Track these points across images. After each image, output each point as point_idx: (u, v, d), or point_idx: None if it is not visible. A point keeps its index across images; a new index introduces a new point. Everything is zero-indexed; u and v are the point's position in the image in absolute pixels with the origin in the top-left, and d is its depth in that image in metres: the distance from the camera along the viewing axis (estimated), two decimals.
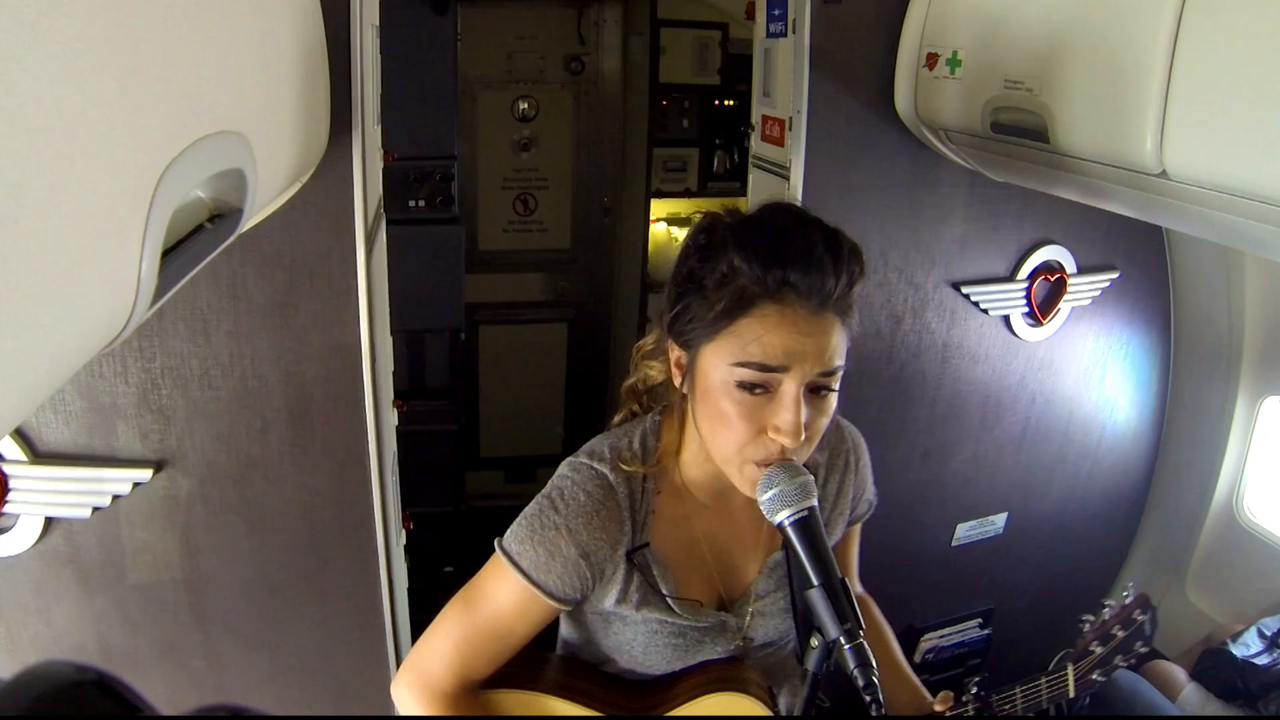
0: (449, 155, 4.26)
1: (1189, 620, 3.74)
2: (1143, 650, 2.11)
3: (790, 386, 1.56)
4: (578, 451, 1.87)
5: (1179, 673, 3.40)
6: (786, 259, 1.55)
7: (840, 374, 1.61)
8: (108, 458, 2.52)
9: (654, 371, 1.89)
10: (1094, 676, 2.09)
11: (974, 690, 2.04)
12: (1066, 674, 2.10)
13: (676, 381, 1.73)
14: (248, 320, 2.48)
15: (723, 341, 1.59)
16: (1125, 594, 2.15)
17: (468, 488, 5.32)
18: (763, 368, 1.55)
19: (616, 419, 1.98)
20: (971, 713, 2.01)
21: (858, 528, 2.11)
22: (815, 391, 1.59)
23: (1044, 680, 2.09)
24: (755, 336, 1.56)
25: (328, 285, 2.49)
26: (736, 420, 1.59)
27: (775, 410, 1.57)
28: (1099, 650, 2.09)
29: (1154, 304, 3.63)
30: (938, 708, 1.97)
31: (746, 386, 1.57)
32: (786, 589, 1.90)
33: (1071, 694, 2.09)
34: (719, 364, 1.60)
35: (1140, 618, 2.11)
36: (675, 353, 1.71)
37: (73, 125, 0.86)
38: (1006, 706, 2.06)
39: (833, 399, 1.63)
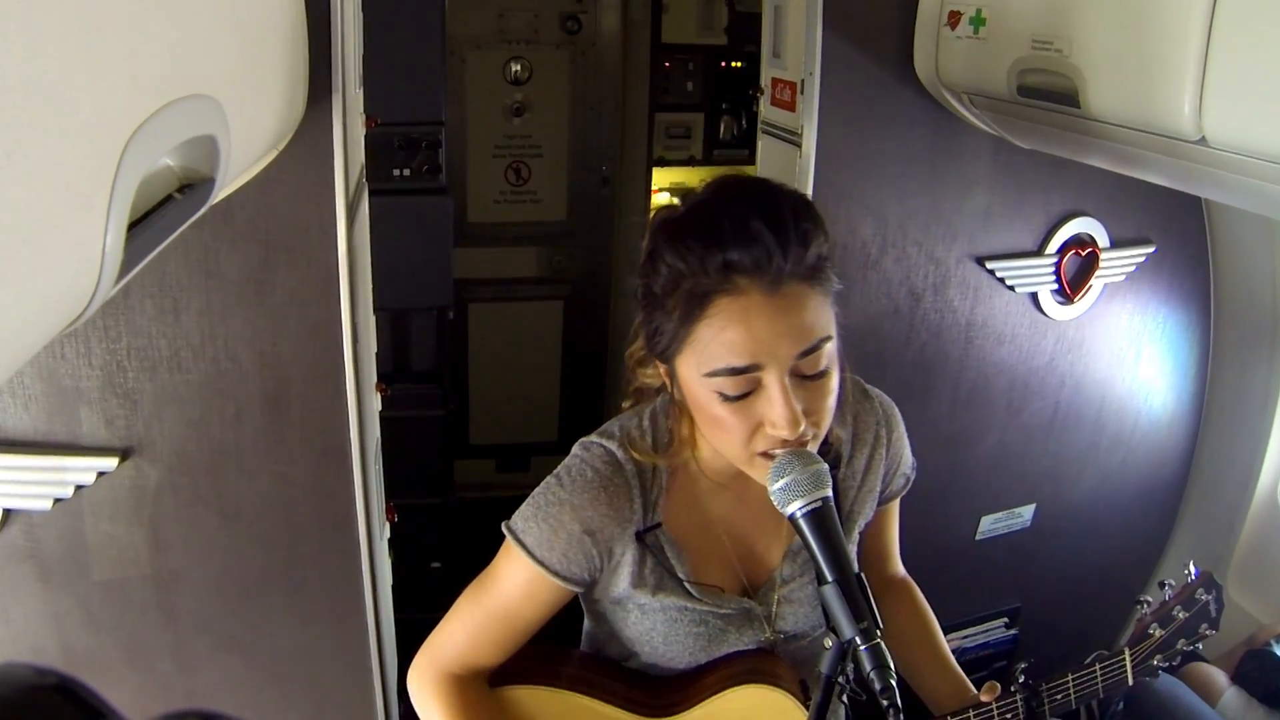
0: (436, 121, 4.26)
1: (1231, 619, 3.69)
2: (1208, 633, 2.05)
3: (772, 381, 1.57)
4: (592, 433, 1.91)
5: (1219, 676, 3.41)
6: (720, 240, 1.56)
7: (828, 348, 1.61)
8: (70, 445, 2.53)
9: (650, 379, 1.90)
10: (1155, 662, 2.02)
11: (1021, 679, 1.99)
12: (1124, 659, 2.02)
13: (671, 392, 1.76)
14: (220, 298, 2.48)
15: (689, 353, 1.61)
16: (1186, 571, 2.09)
17: (456, 478, 5.32)
18: (732, 371, 1.57)
19: (625, 404, 2.00)
20: (1020, 704, 1.97)
21: (895, 504, 2.12)
22: (805, 375, 1.60)
23: (1099, 667, 2.01)
24: (715, 339, 1.57)
25: (306, 260, 2.49)
26: (731, 423, 1.61)
27: (766, 406, 1.58)
28: (1159, 633, 2.02)
29: (1193, 280, 3.63)
30: (984, 698, 1.96)
31: (727, 396, 1.59)
32: (813, 574, 1.90)
33: (1130, 681, 2.02)
34: (694, 375, 1.62)
35: (1204, 597, 2.05)
36: (660, 366, 1.74)
37: (30, 88, 0.86)
38: (1059, 696, 2.00)
39: (832, 376, 1.63)
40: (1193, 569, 2.09)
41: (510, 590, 1.86)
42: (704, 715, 1.91)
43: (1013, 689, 2.00)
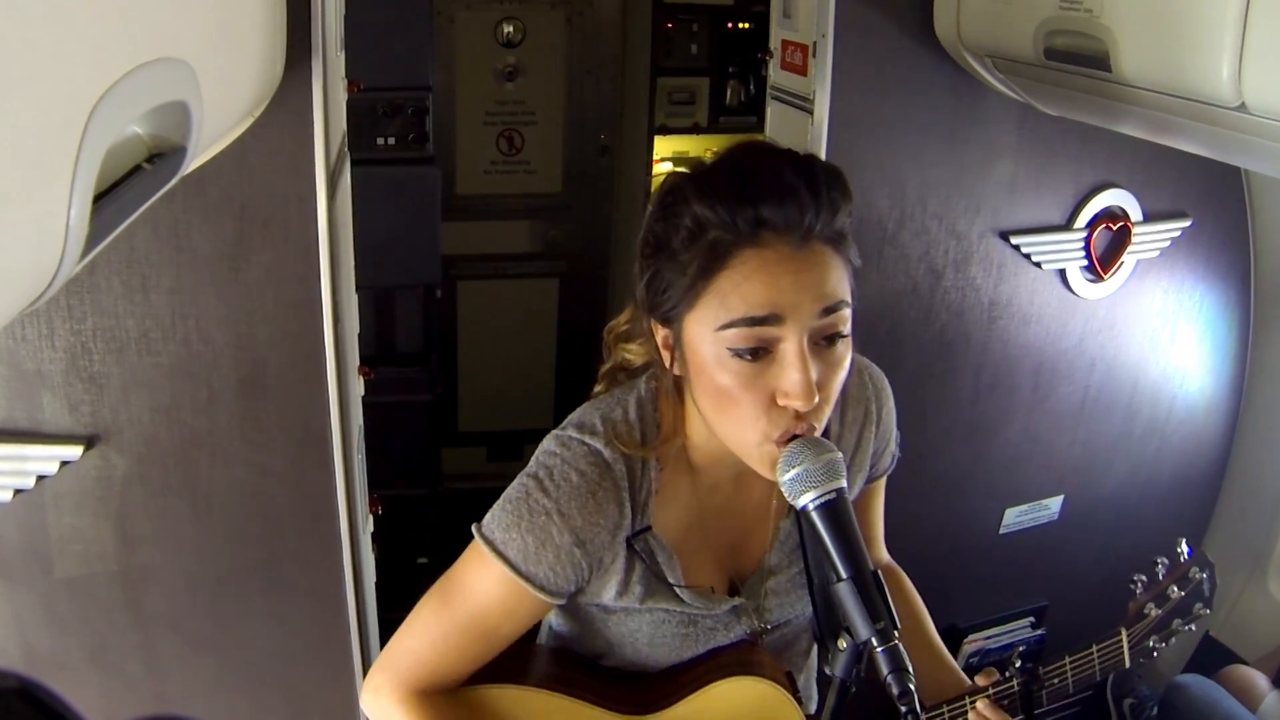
0: (423, 86, 4.25)
1: (1270, 618, 3.75)
2: (1203, 612, 2.12)
3: (791, 342, 1.56)
4: (564, 424, 1.88)
5: (1259, 679, 3.42)
6: (754, 194, 1.57)
7: (847, 313, 1.62)
8: (31, 433, 2.53)
9: (632, 355, 1.92)
10: (1150, 643, 2.10)
11: (1018, 664, 2.04)
12: (1120, 641, 2.11)
13: (667, 363, 1.74)
14: (192, 275, 2.48)
15: (704, 307, 1.60)
16: (1179, 550, 2.14)
17: (444, 467, 5.32)
18: (751, 321, 1.56)
19: (597, 389, 2.00)
20: (1017, 688, 2.01)
21: (881, 483, 2.13)
22: (822, 341, 1.60)
23: (1095, 649, 2.09)
24: (735, 289, 1.57)
25: (284, 235, 2.49)
26: (739, 393, 1.60)
27: (779, 372, 1.57)
28: (1155, 613, 2.09)
29: (1231, 256, 3.63)
30: (981, 683, 1.99)
31: (740, 353, 1.58)
32: (801, 563, 1.92)
33: (1127, 663, 2.11)
34: (705, 333, 1.60)
35: (1198, 575, 2.11)
36: (660, 332, 1.72)
37: None
38: (1056, 680, 2.06)
39: (845, 348, 1.64)
40: (1185, 546, 2.14)
41: (484, 603, 1.82)
42: (689, 711, 1.91)
43: (1008, 674, 2.03)
